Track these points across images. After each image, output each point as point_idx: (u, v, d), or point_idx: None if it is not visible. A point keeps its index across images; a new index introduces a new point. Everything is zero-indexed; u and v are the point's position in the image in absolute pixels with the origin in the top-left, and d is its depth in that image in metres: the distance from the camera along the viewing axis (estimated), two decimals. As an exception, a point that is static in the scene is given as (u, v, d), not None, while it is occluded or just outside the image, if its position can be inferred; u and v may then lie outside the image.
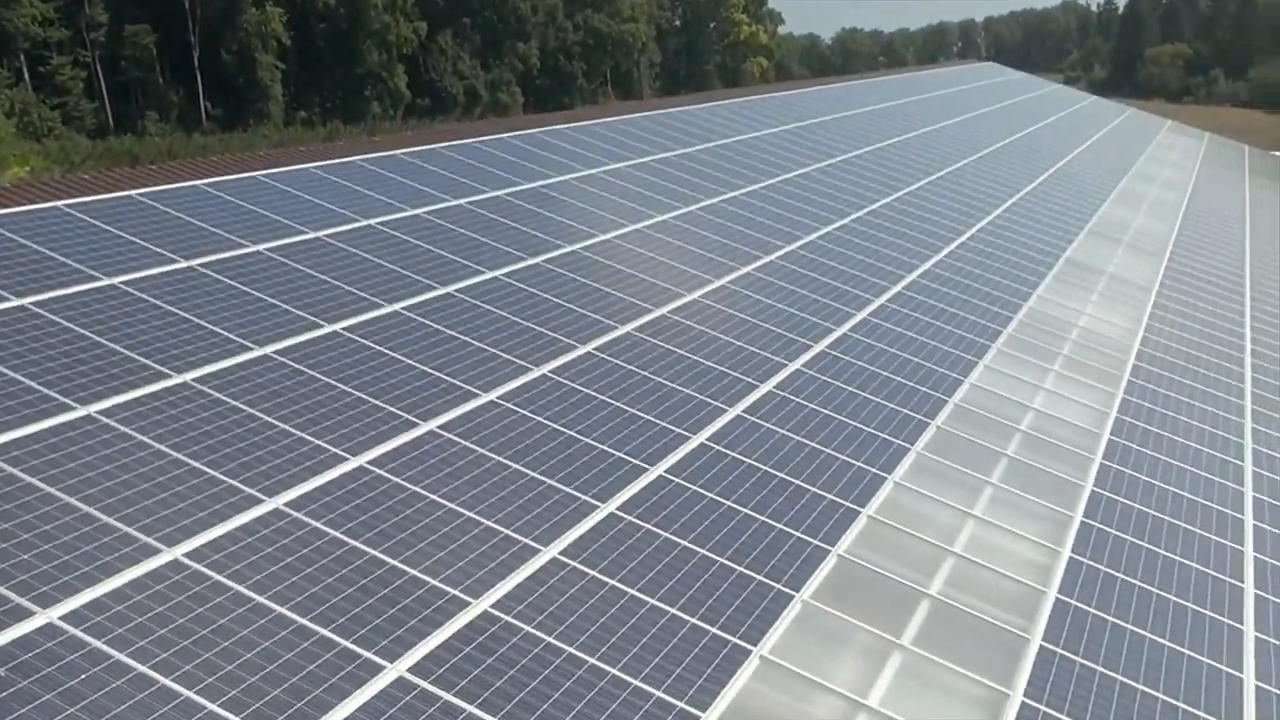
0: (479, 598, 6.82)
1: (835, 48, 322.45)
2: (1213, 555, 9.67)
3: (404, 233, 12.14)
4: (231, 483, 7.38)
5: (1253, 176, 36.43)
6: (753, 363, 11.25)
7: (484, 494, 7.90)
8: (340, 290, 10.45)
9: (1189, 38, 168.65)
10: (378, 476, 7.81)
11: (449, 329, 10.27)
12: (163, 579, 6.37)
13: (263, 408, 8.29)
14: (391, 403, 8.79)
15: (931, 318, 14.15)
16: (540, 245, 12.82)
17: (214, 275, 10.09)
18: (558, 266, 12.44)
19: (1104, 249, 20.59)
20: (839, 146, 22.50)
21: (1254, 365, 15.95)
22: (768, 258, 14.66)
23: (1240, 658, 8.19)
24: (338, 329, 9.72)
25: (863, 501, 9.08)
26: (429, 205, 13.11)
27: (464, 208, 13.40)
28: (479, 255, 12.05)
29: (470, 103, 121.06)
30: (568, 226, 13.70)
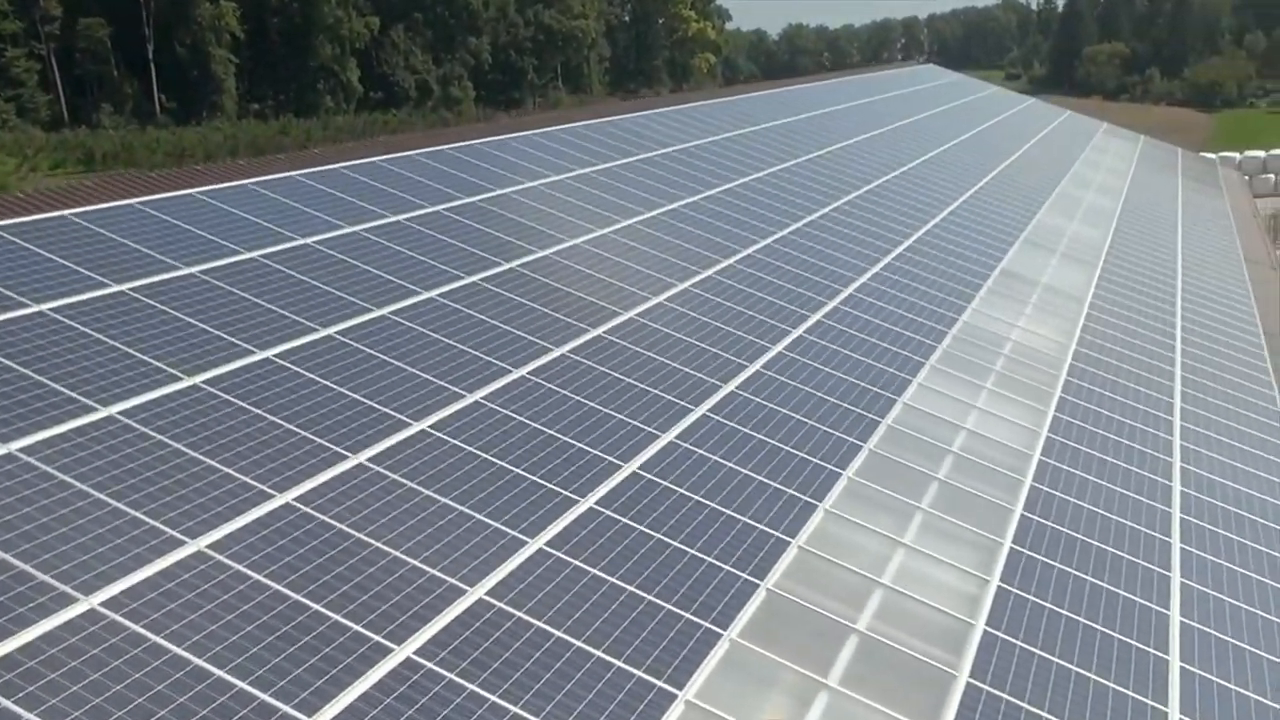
0: (406, 643, 6.78)
1: (782, 43, 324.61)
2: (1140, 581, 9.86)
3: (341, 252, 12.00)
4: (154, 524, 7.26)
5: (1185, 180, 37.16)
6: (687, 385, 11.27)
7: (410, 531, 7.83)
8: (274, 314, 10.30)
9: (1126, 37, 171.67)
10: (304, 514, 7.71)
11: (382, 354, 10.17)
12: (78, 630, 6.24)
13: (189, 442, 8.15)
14: (322, 434, 8.68)
15: (867, 334, 14.27)
16: (477, 263, 12.73)
17: (145, 300, 9.91)
18: (495, 285, 12.36)
19: (1039, 258, 20.89)
20: (778, 155, 22.60)
21: (1183, 379, 16.28)
22: (705, 273, 14.69)
23: (1165, 690, 8.36)
24: (269, 355, 9.59)
25: (793, 531, 9.14)
26: (367, 222, 12.97)
27: (402, 224, 13.27)
28: (416, 274, 11.94)
29: (422, 96, 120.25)
30: (506, 243, 13.62)
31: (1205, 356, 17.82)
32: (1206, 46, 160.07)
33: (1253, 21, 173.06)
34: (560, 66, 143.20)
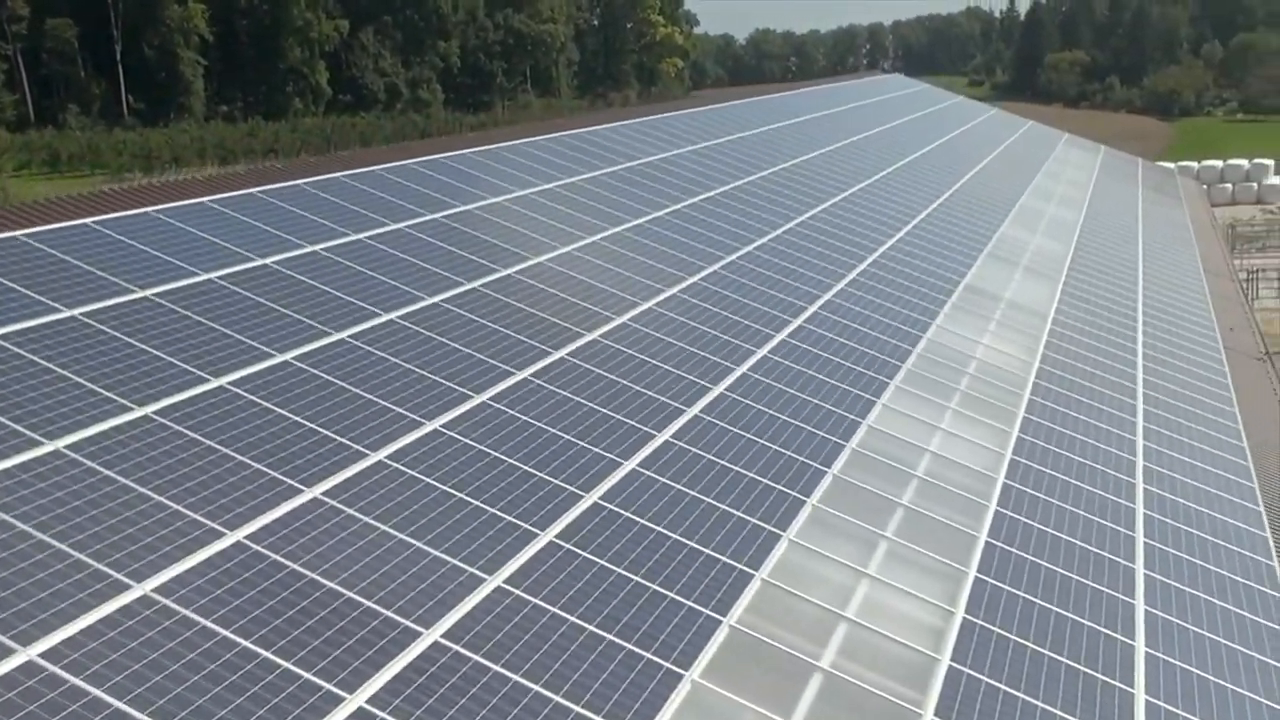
0: (360, 689, 6.59)
1: (749, 48, 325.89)
2: (1105, 611, 9.83)
3: (300, 272, 11.77)
4: (98, 566, 7.03)
5: (1145, 190, 37.50)
6: (650, 409, 11.13)
7: (365, 570, 7.64)
8: (229, 339, 10.07)
9: (1087, 45, 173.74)
10: (256, 554, 7.51)
11: (340, 380, 9.96)
12: (13, 684, 6.00)
13: (137, 478, 7.91)
14: (276, 466, 8.47)
15: (831, 353, 14.21)
16: (439, 283, 12.53)
17: (97, 325, 9.67)
18: (456, 306, 12.18)
19: (1002, 273, 20.95)
20: (745, 167, 22.54)
21: (1145, 395, 16.34)
22: (670, 291, 14.57)
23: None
24: (224, 384, 9.36)
25: (757, 563, 9.03)
26: (328, 241, 12.75)
27: (364, 243, 13.05)
28: (376, 296, 11.73)
29: (391, 99, 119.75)
30: (468, 262, 13.43)
31: (1166, 373, 17.92)
32: (1165, 56, 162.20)
33: (1210, 32, 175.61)
34: (529, 70, 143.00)
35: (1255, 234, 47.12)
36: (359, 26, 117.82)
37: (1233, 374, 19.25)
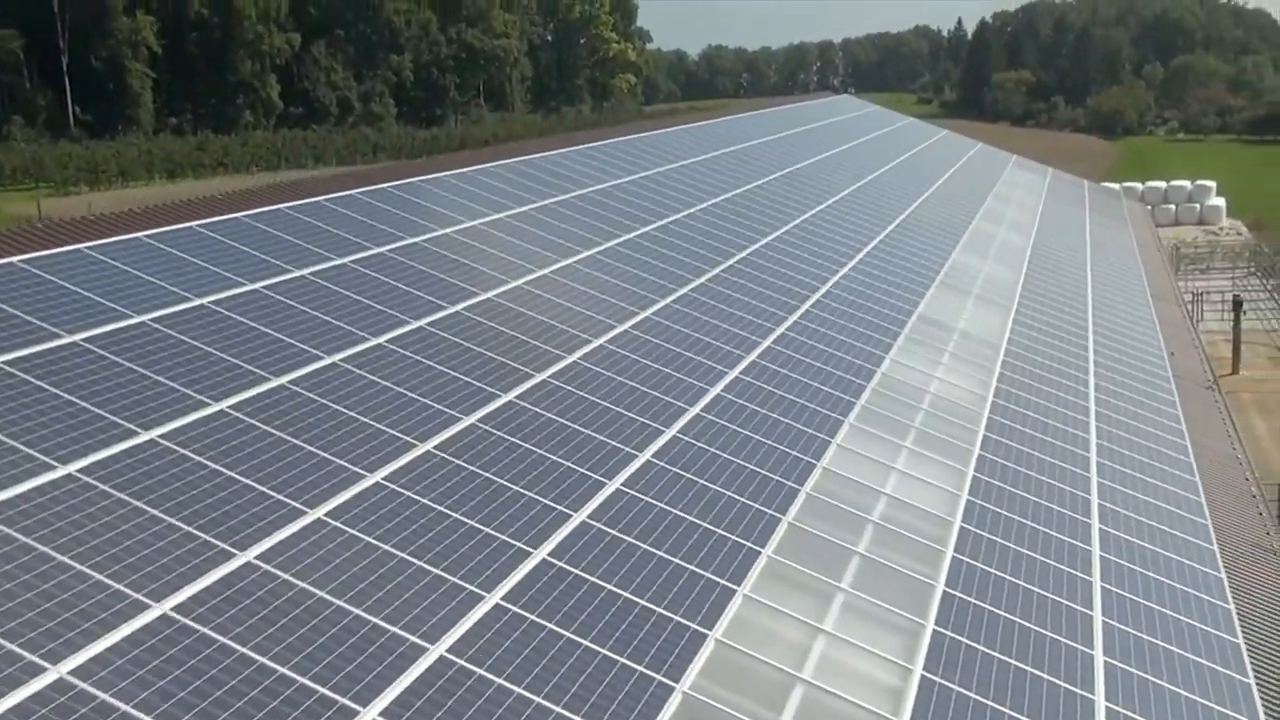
0: None
1: (701, 64, 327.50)
2: (1064, 664, 9.66)
3: (240, 313, 11.35)
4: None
5: (1092, 213, 37.87)
6: (600, 455, 10.83)
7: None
8: (162, 387, 9.65)
9: (1032, 65, 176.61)
10: (183, 628, 7.09)
11: (278, 430, 9.55)
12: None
13: (57, 544, 7.48)
14: (205, 529, 8.05)
15: (785, 390, 13.99)
16: (382, 322, 12.15)
17: (20, 374, 9.24)
18: (399, 346, 11.80)
19: (955, 302, 20.91)
20: (697, 194, 22.35)
21: (1098, 429, 16.30)
22: (621, 327, 14.28)
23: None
24: (154, 437, 8.93)
25: (711, 621, 8.74)
26: (270, 278, 12.33)
27: (307, 279, 12.64)
28: (318, 337, 11.33)
29: (343, 113, 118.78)
30: (414, 298, 13.06)
31: (1118, 404, 17.92)
32: (1108, 76, 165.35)
33: (1151, 54, 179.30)
34: (482, 85, 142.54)
35: (1199, 255, 47.82)
36: (311, 40, 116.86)
37: (1182, 403, 19.33)
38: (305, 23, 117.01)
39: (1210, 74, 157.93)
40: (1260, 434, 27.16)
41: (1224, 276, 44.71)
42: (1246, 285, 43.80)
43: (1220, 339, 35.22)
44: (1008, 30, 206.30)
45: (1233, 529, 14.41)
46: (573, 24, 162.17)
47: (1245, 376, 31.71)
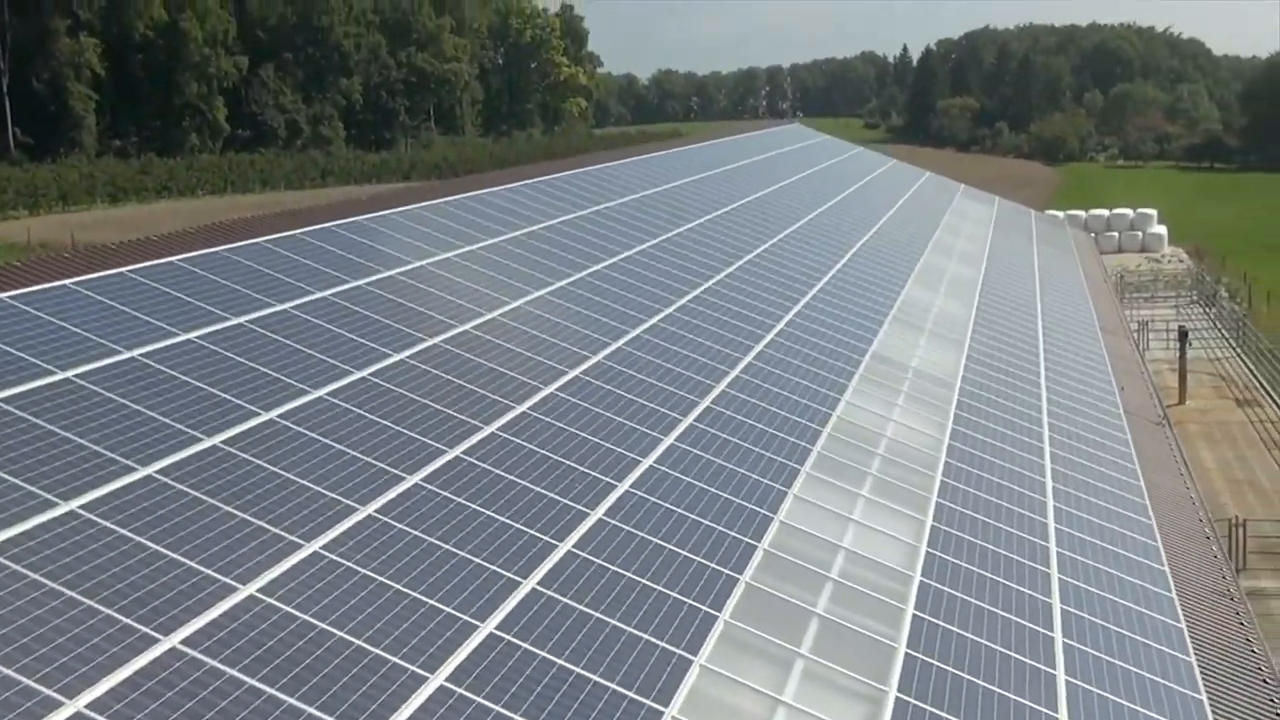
0: None
1: (652, 88, 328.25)
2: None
3: (169, 366, 10.81)
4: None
5: (1040, 244, 38.16)
6: (549, 517, 10.42)
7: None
8: (86, 452, 9.10)
9: (976, 92, 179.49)
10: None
11: (208, 495, 9.04)
12: None
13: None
14: (127, 612, 7.53)
15: (740, 438, 13.68)
16: (325, 373, 11.67)
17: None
18: (342, 400, 11.33)
19: (908, 338, 20.78)
20: (648, 230, 22.07)
21: (1053, 472, 16.17)
22: (572, 373, 13.90)
23: None
24: (74, 508, 8.39)
25: (667, 697, 8.36)
26: (205, 327, 11.81)
27: (244, 328, 12.13)
28: (254, 392, 10.83)
29: (292, 136, 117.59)
30: (356, 346, 12.59)
31: (1071, 444, 17.83)
32: (1049, 103, 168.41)
33: (1091, 81, 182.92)
34: (433, 108, 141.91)
35: (1143, 283, 48.42)
36: (259, 63, 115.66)
37: (1135, 440, 19.31)
38: (254, 45, 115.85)
39: (1148, 102, 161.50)
40: (1208, 465, 27.31)
41: (1167, 305, 45.30)
42: (1189, 314, 44.40)
43: (1166, 368, 35.52)
44: (952, 57, 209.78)
45: (1189, 575, 14.30)
46: (523, 48, 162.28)
47: (1191, 407, 31.94)
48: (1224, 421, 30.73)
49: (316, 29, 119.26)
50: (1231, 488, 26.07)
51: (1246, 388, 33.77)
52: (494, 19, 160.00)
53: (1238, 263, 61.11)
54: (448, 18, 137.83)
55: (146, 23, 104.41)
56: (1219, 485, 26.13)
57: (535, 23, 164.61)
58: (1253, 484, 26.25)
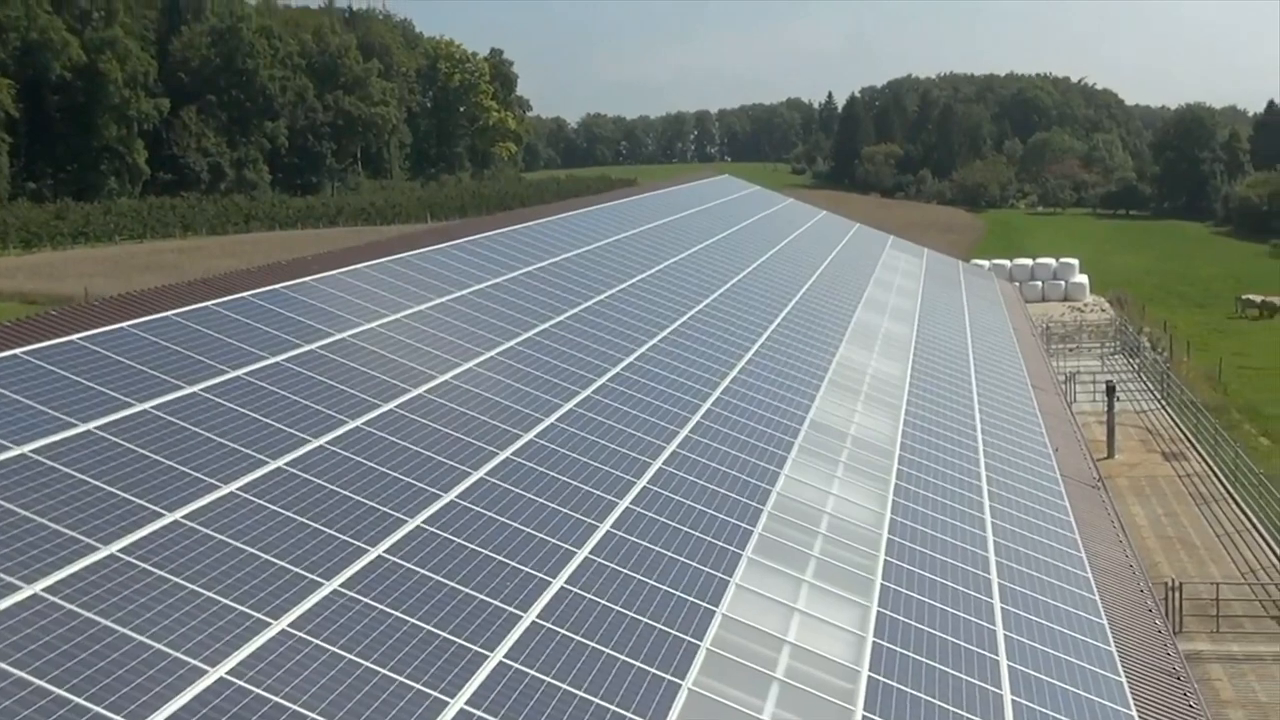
0: None
1: (581, 131, 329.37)
2: None
3: (66, 463, 9.98)
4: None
5: (970, 297, 38.41)
6: (478, 622, 9.76)
7: None
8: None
9: (899, 139, 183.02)
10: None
11: (99, 615, 8.25)
12: None
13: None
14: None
15: (679, 521, 13.16)
16: (238, 464, 10.92)
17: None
18: (254, 494, 10.59)
19: (845, 404, 20.49)
20: (576, 293, 21.55)
21: (996, 546, 15.88)
22: (503, 454, 13.28)
23: None
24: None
25: (610, 832, 7.74)
26: (103, 416, 10.98)
27: (150, 414, 11.32)
28: (160, 490, 10.04)
29: (215, 179, 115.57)
30: (275, 432, 11.86)
31: (1012, 514, 17.59)
32: (971, 151, 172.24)
33: (1010, 129, 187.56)
34: (360, 151, 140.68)
35: (1068, 333, 49.12)
36: (182, 105, 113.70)
37: (1073, 507, 19.16)
38: (176, 87, 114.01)
39: (1065, 150, 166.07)
40: (1140, 522, 27.44)
41: (1092, 355, 45.96)
42: (1114, 364, 45.08)
43: (1094, 420, 35.85)
44: (876, 104, 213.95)
45: (1136, 653, 14.04)
46: (452, 92, 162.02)
47: (1120, 461, 32.22)
48: (1152, 476, 31.01)
49: (241, 71, 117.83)
50: (1164, 545, 26.20)
51: (1173, 440, 34.20)
52: (423, 63, 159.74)
53: (1156, 311, 62.59)
54: (375, 61, 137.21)
55: (64, 64, 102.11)
56: (1151, 543, 26.23)
57: (464, 67, 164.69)
58: (1184, 541, 26.41)
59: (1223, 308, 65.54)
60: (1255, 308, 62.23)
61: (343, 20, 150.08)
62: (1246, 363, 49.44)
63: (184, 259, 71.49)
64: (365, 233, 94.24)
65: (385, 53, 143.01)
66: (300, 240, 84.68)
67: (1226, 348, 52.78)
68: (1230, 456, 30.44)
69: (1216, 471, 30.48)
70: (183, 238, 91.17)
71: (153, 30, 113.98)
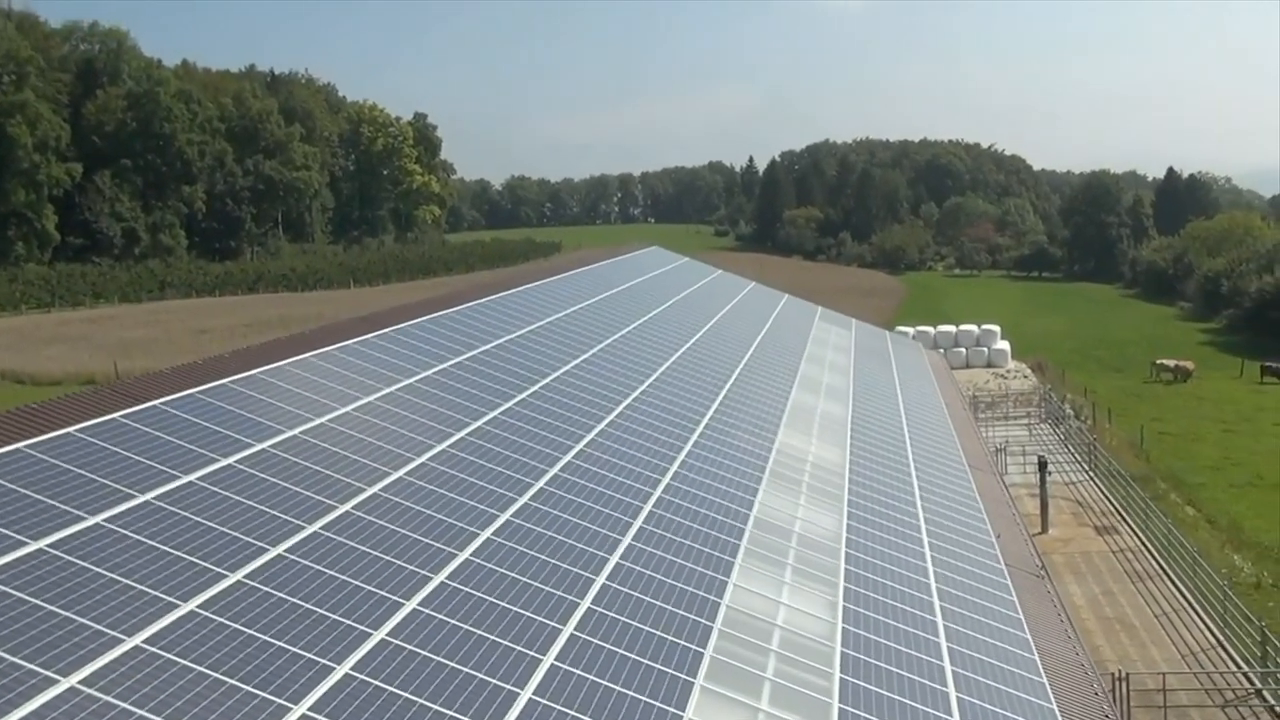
0: None
1: (505, 193, 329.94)
2: None
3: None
4: None
5: (900, 373, 38.40)
6: (421, 787, 8.90)
7: None
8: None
9: (819, 202, 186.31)
10: None
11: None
12: None
13: None
14: None
15: (627, 647, 12.40)
16: (145, 609, 9.94)
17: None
18: (163, 648, 9.63)
19: (788, 498, 19.95)
20: (501, 389, 20.70)
21: (950, 653, 15.35)
22: (438, 577, 12.44)
23: None
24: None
25: None
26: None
27: (45, 553, 10.30)
28: (49, 651, 9.03)
29: (129, 244, 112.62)
30: (188, 567, 10.89)
31: (964, 614, 17.12)
32: (889, 214, 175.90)
33: (925, 194, 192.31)
34: (281, 215, 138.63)
35: (994, 401, 49.51)
36: (95, 169, 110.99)
37: (1020, 601, 18.78)
38: (89, 151, 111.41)
39: (979, 214, 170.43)
40: (1079, 603, 27.25)
41: (1019, 423, 46.30)
42: (1040, 432, 45.45)
43: (1025, 493, 35.90)
44: (796, 168, 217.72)
45: (1100, 770, 13.56)
46: (375, 155, 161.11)
47: (1054, 536, 32.17)
48: (1086, 552, 30.98)
49: (158, 135, 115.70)
50: (1104, 627, 26.00)
51: (1103, 514, 34.30)
52: (345, 127, 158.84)
53: (1076, 375, 63.71)
54: (298, 126, 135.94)
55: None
56: (1091, 625, 26.02)
57: (388, 131, 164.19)
58: (1123, 622, 26.25)
59: (1138, 372, 66.94)
60: (1169, 372, 63.62)
61: (264, 84, 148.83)
62: (1165, 428, 50.28)
63: (93, 329, 69.07)
64: (285, 299, 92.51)
65: (308, 117, 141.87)
66: (217, 308, 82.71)
67: (1145, 413, 53.70)
68: (1161, 531, 30.56)
69: (1149, 546, 30.56)
70: (93, 306, 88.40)
71: (66, 93, 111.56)
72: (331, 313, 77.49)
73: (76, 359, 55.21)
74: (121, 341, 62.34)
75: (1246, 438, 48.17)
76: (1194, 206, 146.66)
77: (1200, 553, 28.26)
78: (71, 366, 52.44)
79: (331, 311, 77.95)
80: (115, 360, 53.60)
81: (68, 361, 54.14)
